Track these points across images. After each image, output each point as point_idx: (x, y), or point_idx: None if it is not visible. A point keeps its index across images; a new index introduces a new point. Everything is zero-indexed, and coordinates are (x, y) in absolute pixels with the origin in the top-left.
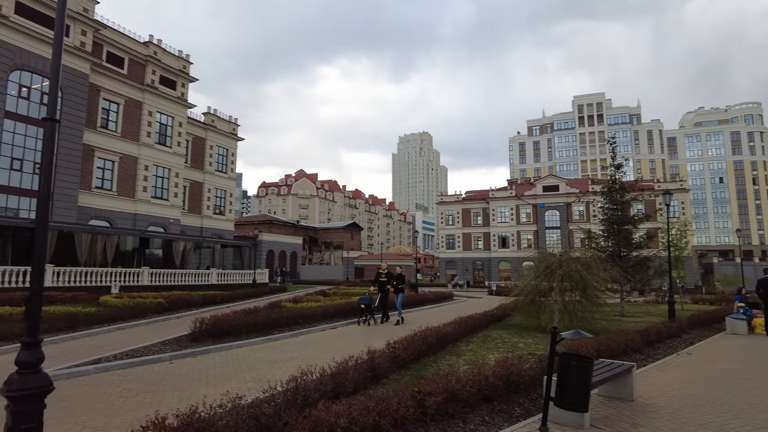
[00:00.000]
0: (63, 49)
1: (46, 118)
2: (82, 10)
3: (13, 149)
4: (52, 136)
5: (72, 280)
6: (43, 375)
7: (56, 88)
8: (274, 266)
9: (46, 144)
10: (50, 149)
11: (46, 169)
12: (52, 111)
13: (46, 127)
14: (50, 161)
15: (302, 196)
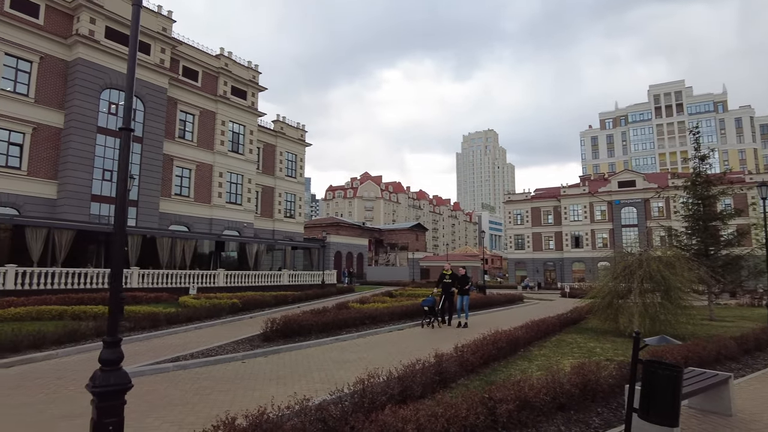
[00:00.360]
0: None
1: (122, 128)
2: (161, 29)
3: (104, 161)
4: (128, 144)
5: (155, 282)
6: (123, 373)
7: (130, 101)
8: (341, 267)
9: (123, 151)
10: (126, 156)
11: (122, 175)
12: (127, 122)
13: (122, 137)
14: (126, 167)
15: (367, 199)
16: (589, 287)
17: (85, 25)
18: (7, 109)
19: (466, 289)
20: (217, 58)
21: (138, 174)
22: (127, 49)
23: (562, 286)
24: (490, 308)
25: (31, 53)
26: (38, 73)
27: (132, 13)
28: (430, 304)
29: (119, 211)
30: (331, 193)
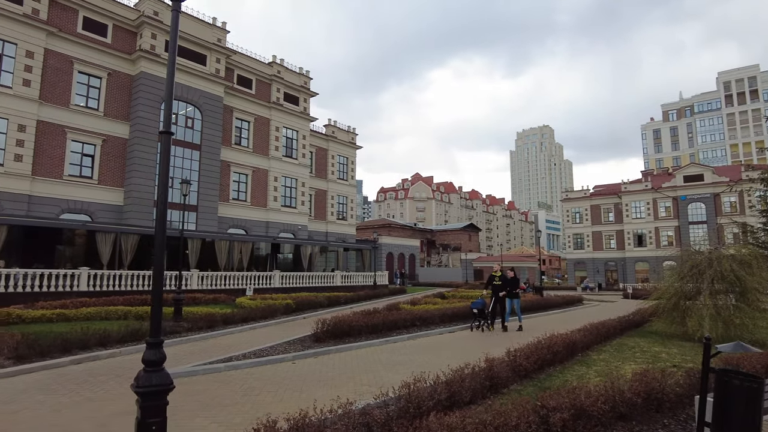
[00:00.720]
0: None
1: (162, 131)
2: (216, 41)
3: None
4: (168, 147)
5: (213, 284)
6: (165, 374)
7: (170, 107)
8: (393, 268)
9: (163, 154)
10: (166, 159)
11: (163, 177)
12: (167, 125)
13: (162, 140)
14: (166, 170)
15: (419, 199)
16: (653, 288)
17: (147, 41)
18: (80, 123)
19: (516, 292)
20: (270, 66)
21: (197, 180)
22: (185, 60)
23: (624, 286)
24: (547, 311)
25: (101, 70)
26: (106, 88)
27: (171, 19)
28: (479, 306)
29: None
30: (383, 195)
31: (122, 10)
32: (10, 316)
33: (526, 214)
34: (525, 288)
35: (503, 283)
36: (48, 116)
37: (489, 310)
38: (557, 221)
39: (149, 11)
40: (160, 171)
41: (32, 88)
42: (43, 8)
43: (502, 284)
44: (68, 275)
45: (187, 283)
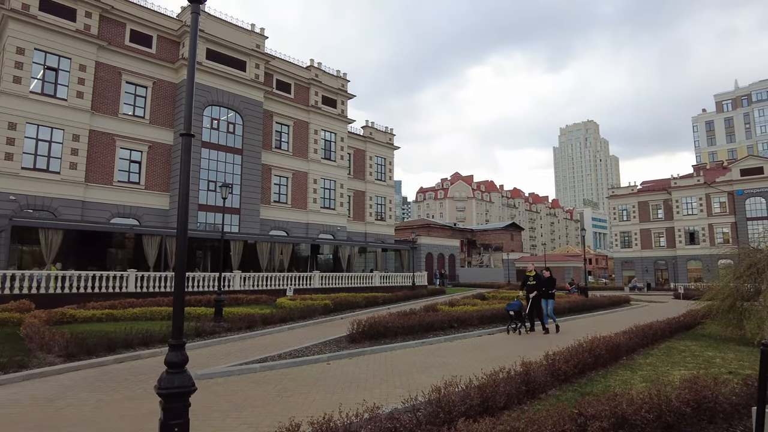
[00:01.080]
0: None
1: (183, 133)
2: (255, 46)
3: (209, 173)
4: (188, 149)
5: (255, 284)
6: (187, 376)
7: (190, 108)
8: (432, 269)
9: (183, 156)
10: (187, 160)
11: (184, 179)
12: (188, 127)
13: (182, 142)
14: (187, 171)
15: (458, 199)
16: (706, 288)
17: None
18: (128, 131)
19: (552, 293)
20: (308, 70)
21: (239, 183)
22: (225, 67)
23: (675, 286)
24: (591, 312)
25: (146, 79)
26: (152, 96)
27: (191, 21)
28: (515, 308)
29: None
30: (422, 195)
31: (166, 21)
32: (65, 316)
33: (570, 212)
34: (570, 288)
35: (537, 283)
36: (99, 125)
37: (526, 312)
38: (604, 219)
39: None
40: (181, 173)
41: (85, 99)
42: (94, 23)
43: (537, 285)
44: (117, 277)
45: (230, 284)
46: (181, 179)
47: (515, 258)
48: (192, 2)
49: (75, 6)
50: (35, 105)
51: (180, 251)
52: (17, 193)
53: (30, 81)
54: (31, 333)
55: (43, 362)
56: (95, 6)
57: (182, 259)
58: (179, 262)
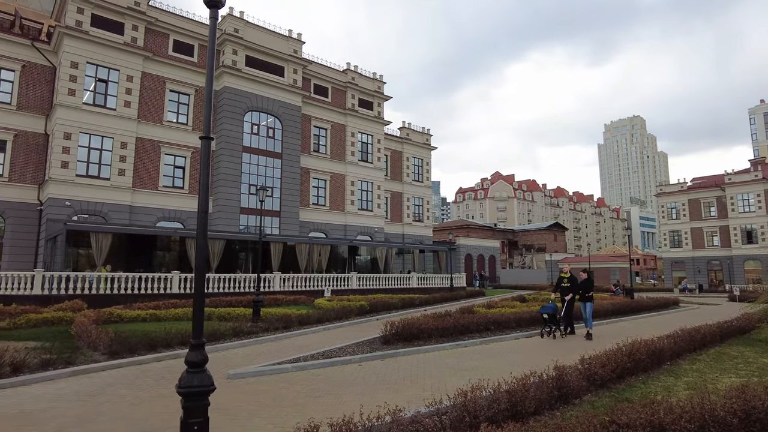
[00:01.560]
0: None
1: (202, 137)
2: (293, 52)
3: (249, 177)
4: (207, 153)
5: (294, 285)
6: (206, 375)
7: (210, 113)
8: (472, 270)
9: (203, 160)
10: (207, 164)
11: (204, 182)
12: (207, 131)
13: (202, 145)
14: (207, 174)
15: (499, 199)
16: (765, 290)
17: (228, 57)
18: (172, 137)
19: (589, 296)
20: (345, 73)
21: (279, 187)
22: (264, 73)
23: (730, 288)
24: (636, 314)
25: (189, 87)
26: (194, 103)
27: (210, 25)
28: (550, 311)
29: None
30: (461, 196)
31: (206, 29)
32: (112, 315)
33: (617, 211)
34: (614, 290)
35: (572, 285)
36: (145, 133)
37: (561, 315)
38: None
39: (230, 29)
40: (201, 175)
41: (132, 108)
42: (140, 35)
43: (571, 287)
44: (161, 278)
45: (270, 285)
46: (201, 180)
47: (558, 259)
48: (210, 7)
49: (122, 20)
50: (87, 115)
51: (199, 253)
52: (72, 199)
53: (83, 93)
54: (80, 331)
55: (89, 359)
56: (141, 19)
57: (201, 261)
58: (198, 266)
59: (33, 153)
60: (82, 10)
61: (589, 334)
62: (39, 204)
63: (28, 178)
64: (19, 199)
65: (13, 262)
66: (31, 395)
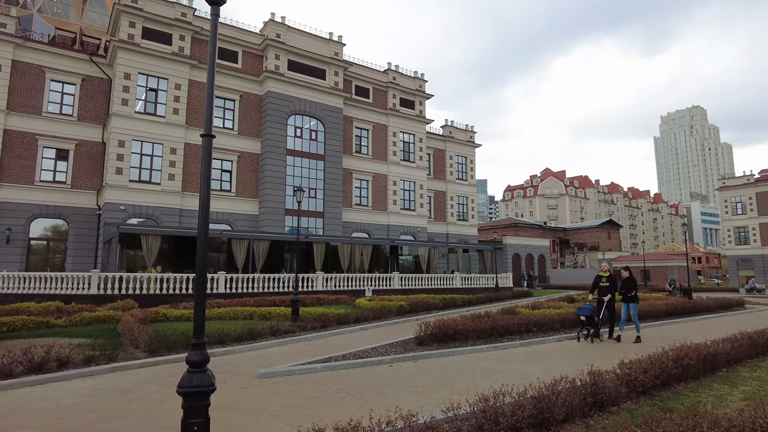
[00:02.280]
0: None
1: (204, 134)
2: (334, 54)
3: (293, 179)
4: (209, 151)
5: (336, 285)
6: (207, 375)
7: (211, 110)
8: (520, 270)
9: (204, 156)
10: (207, 161)
11: (205, 181)
12: (209, 128)
13: (203, 143)
14: (208, 173)
15: (549, 196)
16: None
17: (272, 62)
18: (219, 142)
19: (632, 296)
20: (385, 74)
21: (322, 188)
22: (306, 77)
23: None
24: (694, 315)
25: (234, 93)
26: (239, 108)
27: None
28: (587, 312)
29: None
30: (510, 194)
31: (250, 36)
32: (158, 315)
33: (676, 206)
34: (670, 290)
35: (611, 285)
36: (193, 138)
37: (599, 317)
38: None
39: (272, 34)
40: (202, 173)
41: (180, 115)
42: (187, 45)
43: (610, 286)
44: (208, 279)
45: (313, 285)
46: (203, 177)
47: (612, 258)
48: (211, 4)
49: (171, 31)
50: (139, 123)
51: (200, 252)
52: (126, 204)
53: (135, 102)
54: (125, 330)
55: (130, 356)
56: (188, 29)
57: (202, 260)
58: (199, 264)
59: (92, 161)
60: (133, 24)
61: (638, 338)
62: (97, 208)
63: (87, 184)
64: (81, 204)
65: (76, 263)
66: (70, 390)
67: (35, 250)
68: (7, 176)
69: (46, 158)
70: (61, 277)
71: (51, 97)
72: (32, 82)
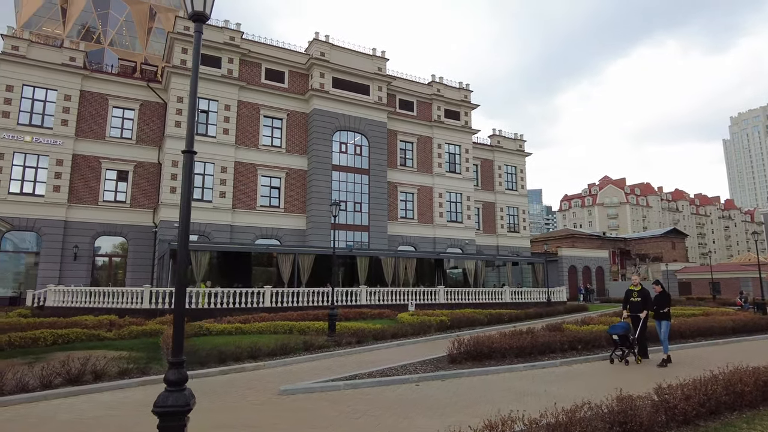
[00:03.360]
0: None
1: (185, 150)
2: (377, 70)
3: (339, 194)
4: (191, 166)
5: (380, 299)
6: (184, 395)
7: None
8: (577, 283)
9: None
10: (189, 178)
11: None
12: (190, 144)
13: (184, 159)
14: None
15: (609, 205)
16: None
17: (317, 80)
18: (267, 160)
19: (665, 312)
20: (429, 86)
21: (367, 202)
22: (349, 93)
23: None
24: (755, 334)
25: (281, 112)
26: (286, 126)
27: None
28: (620, 331)
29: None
30: (567, 203)
31: (295, 56)
32: (201, 329)
33: (751, 213)
34: (741, 304)
35: (643, 300)
36: (242, 157)
37: (635, 336)
38: None
39: (317, 53)
40: (182, 189)
41: (230, 134)
42: (235, 67)
43: (642, 302)
44: (254, 293)
45: (357, 299)
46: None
47: (676, 269)
48: (195, 21)
49: (220, 54)
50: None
51: (180, 267)
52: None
53: None
54: (164, 343)
55: (162, 370)
56: (236, 52)
57: (182, 275)
58: (179, 280)
59: (149, 181)
60: (186, 50)
61: (663, 361)
62: (154, 226)
63: (145, 203)
64: (139, 222)
65: (135, 278)
66: (99, 402)
67: (99, 265)
68: (75, 197)
69: (109, 179)
70: (117, 291)
71: (113, 122)
72: (97, 109)
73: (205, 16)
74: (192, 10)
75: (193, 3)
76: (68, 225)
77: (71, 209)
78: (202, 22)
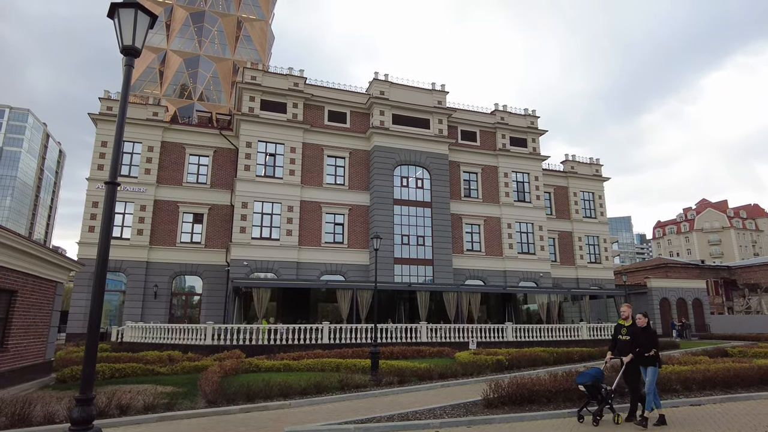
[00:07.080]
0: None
1: (107, 182)
2: (437, 103)
3: (401, 228)
4: (112, 198)
5: (441, 336)
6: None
7: (117, 157)
8: (670, 317)
9: (106, 206)
10: (109, 208)
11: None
12: (113, 175)
13: (107, 190)
14: (109, 221)
15: (709, 230)
16: None
17: (377, 118)
18: (330, 198)
19: (650, 356)
20: (492, 115)
21: (430, 235)
22: (410, 128)
23: None
24: None
25: (343, 151)
26: (349, 165)
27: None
28: (588, 380)
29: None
30: (660, 230)
31: (356, 97)
32: (251, 365)
33: None
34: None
35: (633, 338)
36: (308, 196)
37: (611, 387)
38: None
39: (376, 92)
40: (102, 222)
41: (296, 175)
42: (300, 111)
43: (632, 341)
44: (312, 329)
45: (417, 336)
46: (102, 225)
47: None
48: (126, 55)
49: (285, 100)
50: (260, 185)
51: (94, 305)
52: (249, 259)
53: (256, 167)
54: (201, 380)
55: (188, 406)
56: (300, 97)
57: (95, 315)
58: (93, 316)
59: (222, 222)
60: (253, 98)
61: (648, 421)
62: (226, 265)
63: (218, 243)
64: (212, 261)
65: (209, 315)
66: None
67: (177, 303)
68: (155, 240)
69: (185, 222)
70: (185, 328)
71: (190, 168)
72: (176, 157)
73: (135, 50)
74: (121, 45)
75: (123, 38)
76: (150, 265)
77: (152, 251)
78: (133, 56)
